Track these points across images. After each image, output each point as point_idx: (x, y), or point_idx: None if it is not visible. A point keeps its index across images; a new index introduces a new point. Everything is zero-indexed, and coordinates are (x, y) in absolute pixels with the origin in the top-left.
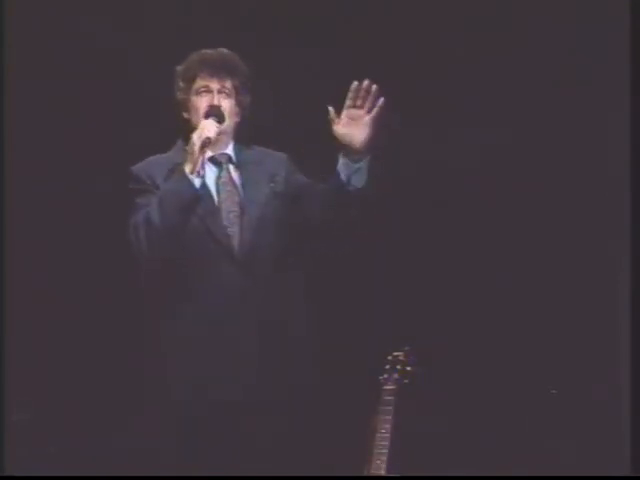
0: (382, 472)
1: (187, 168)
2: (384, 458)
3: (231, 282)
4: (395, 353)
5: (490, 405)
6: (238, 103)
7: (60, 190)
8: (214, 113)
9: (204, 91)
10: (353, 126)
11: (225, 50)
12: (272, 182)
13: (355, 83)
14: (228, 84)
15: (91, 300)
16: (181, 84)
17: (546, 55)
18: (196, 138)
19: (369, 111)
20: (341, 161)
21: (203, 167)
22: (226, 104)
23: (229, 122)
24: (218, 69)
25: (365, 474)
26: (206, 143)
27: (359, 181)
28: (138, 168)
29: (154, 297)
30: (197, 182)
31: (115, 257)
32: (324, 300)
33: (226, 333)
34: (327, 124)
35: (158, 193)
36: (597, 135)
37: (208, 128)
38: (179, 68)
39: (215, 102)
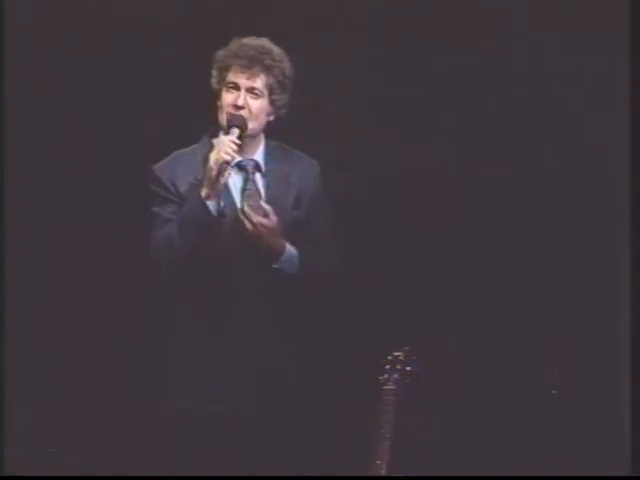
0: (382, 472)
1: (203, 192)
2: (384, 458)
3: (249, 297)
4: (395, 353)
5: (490, 405)
6: (271, 102)
7: (60, 190)
8: (236, 123)
9: (232, 87)
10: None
11: (266, 42)
12: (296, 209)
13: None
14: (259, 83)
15: (91, 300)
16: (215, 73)
17: (546, 55)
18: (213, 162)
19: None
20: None
21: (220, 193)
22: (254, 105)
23: (258, 123)
24: (251, 63)
25: (365, 474)
26: (223, 169)
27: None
28: (161, 170)
29: (167, 307)
30: (214, 207)
31: (117, 257)
32: (324, 300)
33: (228, 338)
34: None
35: (177, 216)
36: (597, 135)
37: (226, 150)
38: (218, 53)
39: (240, 102)
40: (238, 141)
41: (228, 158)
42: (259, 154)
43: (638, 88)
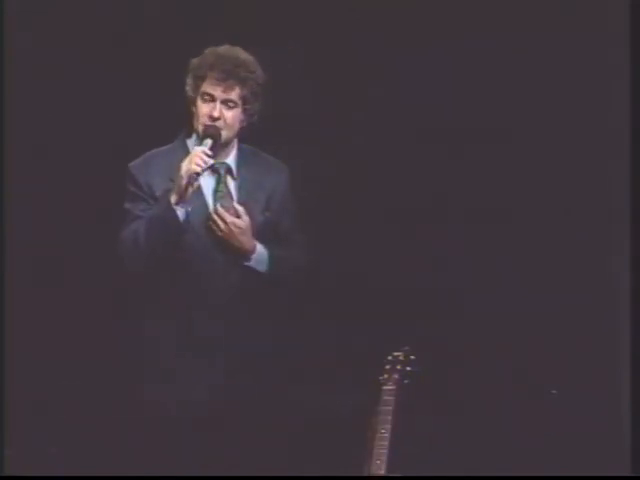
0: (382, 472)
1: (172, 198)
2: (384, 458)
3: (220, 294)
4: (395, 353)
5: (490, 405)
6: (244, 111)
7: (60, 189)
8: (210, 133)
9: (207, 98)
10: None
11: (241, 53)
12: (267, 210)
13: None
14: (234, 94)
15: (91, 301)
16: (190, 81)
17: (545, 55)
18: (184, 170)
19: None
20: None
21: (189, 200)
22: (229, 115)
23: (232, 132)
24: (227, 76)
25: (365, 474)
26: (193, 178)
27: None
28: (137, 169)
29: (140, 303)
30: (182, 213)
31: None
32: (325, 300)
33: (216, 338)
34: None
35: (145, 216)
36: (597, 135)
37: (197, 161)
38: (194, 61)
39: (215, 114)
40: (210, 152)
41: (198, 170)
42: (231, 158)
43: (638, 88)
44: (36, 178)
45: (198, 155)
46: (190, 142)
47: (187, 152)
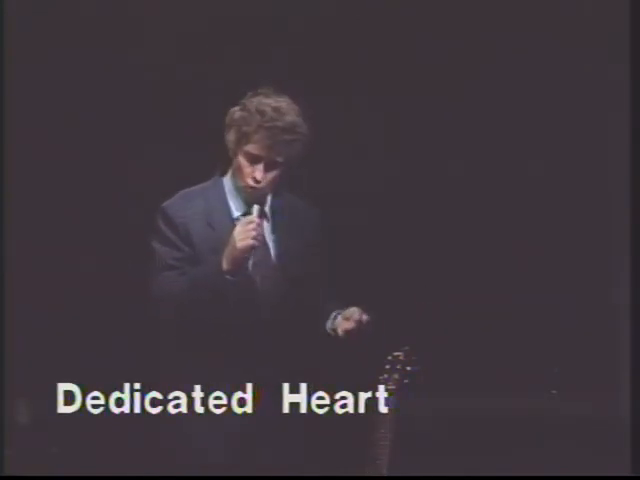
0: (382, 472)
1: (224, 264)
2: (384, 458)
3: (254, 339)
4: (395, 353)
5: (490, 405)
6: (287, 168)
7: (60, 190)
8: (257, 201)
9: (251, 159)
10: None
11: (288, 112)
12: (300, 255)
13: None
14: (280, 157)
15: (92, 299)
16: (232, 136)
17: (546, 56)
18: (240, 244)
19: None
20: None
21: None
22: (272, 176)
23: (272, 186)
24: (273, 143)
25: (365, 474)
26: (250, 252)
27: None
28: (173, 209)
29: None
30: (232, 280)
31: (118, 259)
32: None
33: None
34: None
35: (188, 275)
36: (597, 137)
37: (253, 235)
38: (237, 113)
39: (259, 177)
40: (258, 220)
41: (256, 244)
42: (267, 204)
43: (638, 89)
44: (36, 178)
45: (252, 228)
46: (226, 180)
47: (224, 193)
